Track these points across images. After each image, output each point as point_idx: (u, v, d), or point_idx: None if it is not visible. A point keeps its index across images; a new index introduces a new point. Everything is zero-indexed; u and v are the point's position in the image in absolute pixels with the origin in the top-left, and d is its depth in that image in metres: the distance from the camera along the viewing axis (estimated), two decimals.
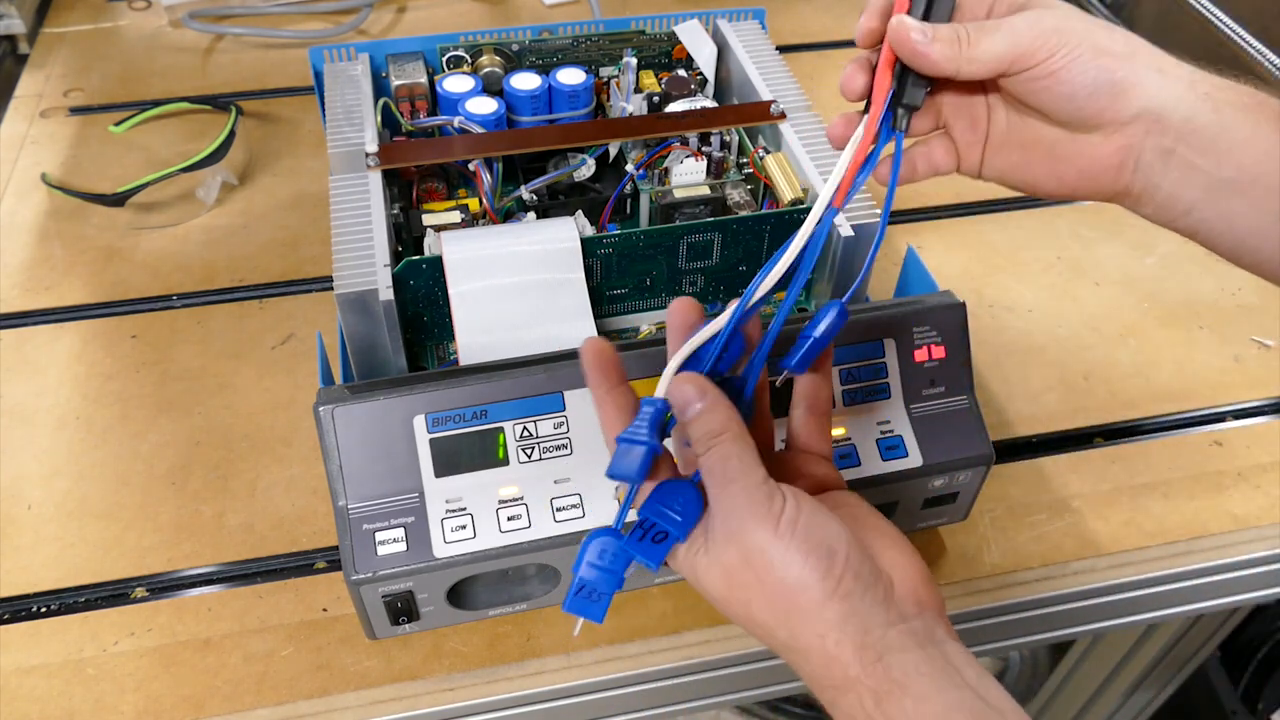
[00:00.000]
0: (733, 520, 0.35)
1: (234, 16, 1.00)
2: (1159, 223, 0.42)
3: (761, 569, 0.35)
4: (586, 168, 0.64)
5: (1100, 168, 0.41)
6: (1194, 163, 0.39)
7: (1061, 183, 0.42)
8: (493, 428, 0.48)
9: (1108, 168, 0.41)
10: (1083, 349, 0.71)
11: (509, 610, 0.52)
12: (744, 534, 0.35)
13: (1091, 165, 0.41)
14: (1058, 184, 0.43)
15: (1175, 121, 0.39)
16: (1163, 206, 0.41)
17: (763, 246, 0.59)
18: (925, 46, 0.38)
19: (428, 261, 0.54)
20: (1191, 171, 0.39)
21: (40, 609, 0.54)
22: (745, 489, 0.35)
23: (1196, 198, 0.40)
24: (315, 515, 0.59)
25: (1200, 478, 0.63)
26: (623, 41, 0.71)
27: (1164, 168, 0.40)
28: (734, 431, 0.36)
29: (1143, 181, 0.40)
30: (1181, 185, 0.40)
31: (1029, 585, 0.58)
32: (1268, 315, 0.73)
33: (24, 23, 0.96)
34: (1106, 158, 0.40)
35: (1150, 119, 0.39)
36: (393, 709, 0.51)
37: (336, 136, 0.60)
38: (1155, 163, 0.40)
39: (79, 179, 0.81)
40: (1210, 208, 0.40)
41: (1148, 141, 0.39)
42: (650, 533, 0.37)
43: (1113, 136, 0.40)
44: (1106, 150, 0.40)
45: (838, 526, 0.35)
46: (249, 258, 0.75)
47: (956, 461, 0.52)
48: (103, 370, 0.67)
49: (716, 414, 0.37)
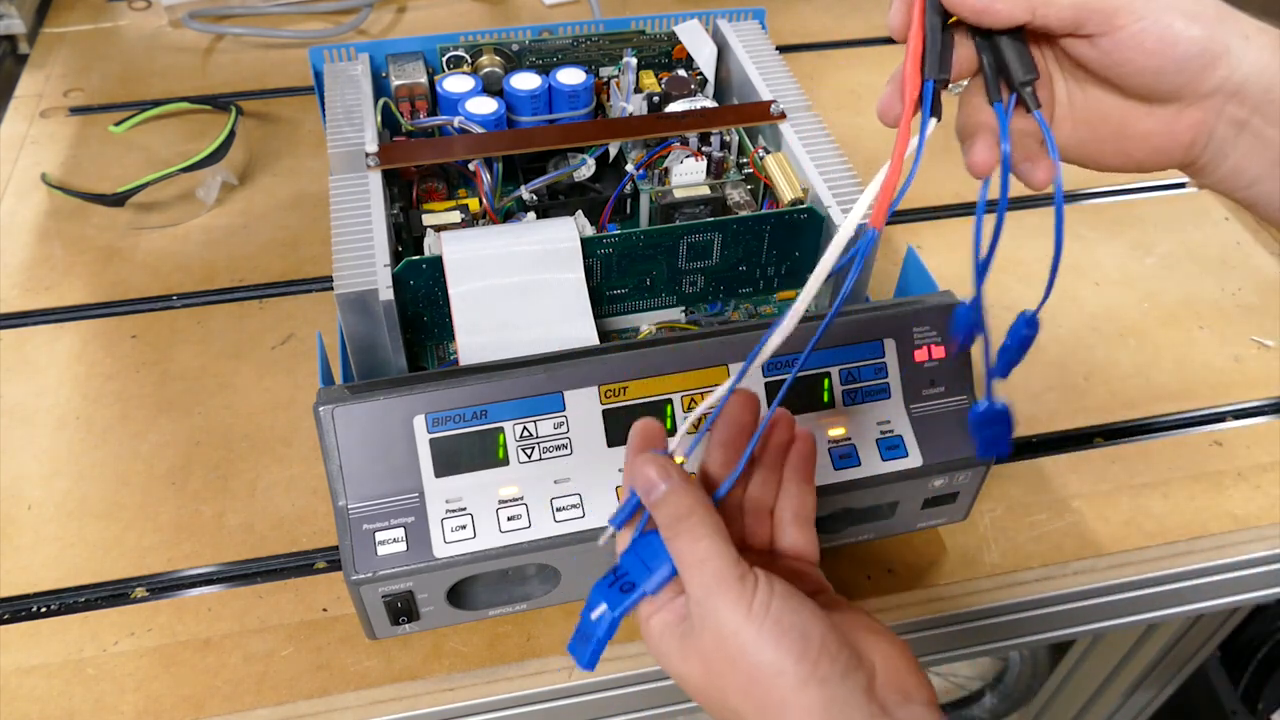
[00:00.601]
0: (706, 603, 0.34)
1: (234, 16, 1.00)
2: (1218, 191, 0.40)
3: (735, 653, 0.33)
4: (586, 168, 0.64)
5: (1173, 145, 0.38)
6: (1266, 135, 0.36)
7: (1129, 160, 0.39)
8: (493, 428, 0.48)
9: (1180, 145, 0.38)
10: (1083, 349, 0.71)
11: (509, 610, 0.52)
12: (717, 616, 0.34)
13: (1165, 142, 0.38)
14: (1124, 161, 0.40)
15: (1255, 93, 0.36)
16: (1226, 178, 0.39)
17: (762, 246, 0.59)
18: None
19: (428, 261, 0.54)
20: (1261, 143, 0.37)
21: (40, 609, 0.54)
22: (716, 571, 0.34)
23: (1263, 171, 0.37)
24: (315, 515, 0.59)
25: (1200, 478, 0.63)
26: (623, 41, 0.71)
27: (1235, 139, 0.37)
28: (701, 513, 0.35)
29: (1211, 154, 0.38)
30: (1249, 158, 0.37)
31: (1029, 585, 0.58)
32: (1268, 315, 0.73)
33: (24, 23, 0.96)
34: (1180, 134, 0.38)
35: (1229, 91, 0.36)
36: (393, 709, 0.51)
37: (336, 136, 0.60)
38: (1227, 135, 0.37)
39: (79, 179, 0.81)
40: (1275, 181, 0.37)
41: (1223, 114, 0.37)
42: (621, 580, 0.37)
43: (1188, 111, 0.37)
44: (1180, 126, 0.37)
45: (812, 609, 0.34)
46: (249, 258, 0.75)
47: (956, 461, 0.52)
48: (103, 370, 0.67)
49: (682, 496, 0.35)
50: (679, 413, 0.49)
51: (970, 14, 0.35)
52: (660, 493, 0.36)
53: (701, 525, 0.35)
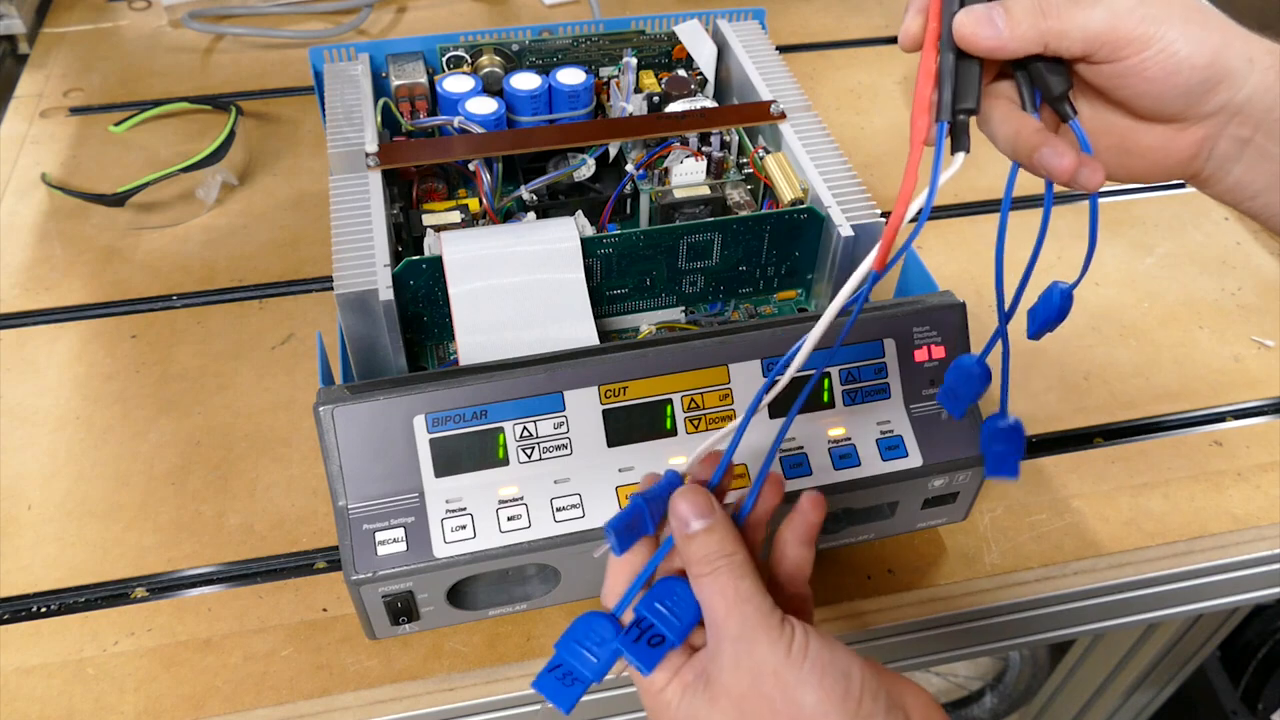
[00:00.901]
0: (744, 641, 0.33)
1: (234, 16, 1.00)
2: (1225, 202, 0.41)
3: (774, 693, 0.33)
4: (586, 168, 0.64)
5: (1174, 160, 0.39)
6: (1270, 151, 0.37)
7: (1130, 173, 0.40)
8: (493, 428, 0.48)
9: (1181, 160, 0.39)
10: (1083, 349, 0.71)
11: (509, 610, 0.52)
12: (755, 655, 0.33)
13: (1166, 158, 0.39)
14: (1126, 173, 0.40)
15: (1257, 112, 0.37)
16: (1230, 190, 0.40)
17: (762, 246, 0.59)
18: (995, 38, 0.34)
19: (428, 261, 0.54)
20: (1265, 159, 0.38)
21: (40, 609, 0.54)
22: (757, 608, 0.34)
23: (1267, 184, 0.38)
24: (315, 515, 0.59)
25: (1200, 478, 0.63)
26: (623, 41, 0.71)
27: (1238, 155, 0.38)
28: (745, 554, 0.35)
29: (1214, 168, 0.39)
30: (1253, 172, 0.38)
31: (1029, 585, 0.58)
32: (1268, 315, 0.73)
33: (24, 23, 0.96)
34: (1181, 150, 0.39)
35: (1231, 111, 0.37)
36: (393, 709, 0.51)
37: (336, 136, 0.60)
38: (1230, 151, 0.38)
39: (79, 179, 0.81)
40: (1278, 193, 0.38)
41: (1226, 132, 0.38)
42: (647, 634, 0.35)
43: (1191, 129, 0.38)
44: (1182, 143, 0.38)
45: (848, 653, 0.34)
46: (249, 258, 0.75)
47: (956, 461, 0.52)
48: (103, 370, 0.67)
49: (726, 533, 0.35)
50: (679, 413, 0.49)
51: (985, 52, 0.35)
52: (700, 528, 0.35)
53: (746, 565, 0.35)
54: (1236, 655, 1.04)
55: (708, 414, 0.50)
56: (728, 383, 0.50)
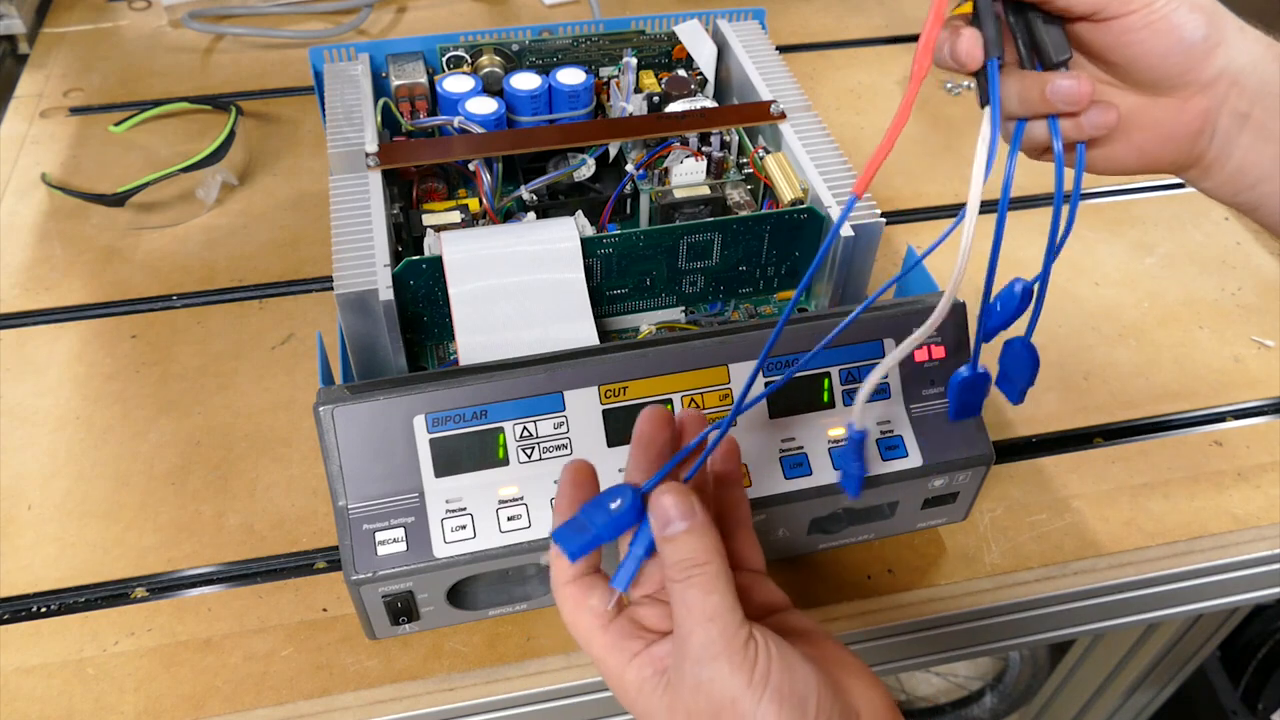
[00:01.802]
0: (705, 664, 0.33)
1: (234, 16, 1.00)
2: (1222, 196, 0.42)
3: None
4: (586, 168, 0.64)
5: (1182, 133, 0.40)
6: (1270, 127, 0.39)
7: (1141, 154, 0.41)
8: (493, 428, 0.48)
9: (1188, 134, 0.40)
10: (1083, 349, 0.71)
11: (509, 610, 0.52)
12: (716, 682, 0.32)
13: (1174, 130, 0.40)
14: (1136, 156, 0.42)
15: (1252, 84, 0.39)
16: (1231, 177, 0.41)
17: (762, 246, 0.59)
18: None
19: (428, 261, 0.54)
20: (1265, 139, 0.39)
21: (40, 609, 0.54)
22: (723, 630, 0.33)
23: (1267, 170, 0.40)
24: (315, 515, 0.59)
25: (1200, 478, 0.63)
26: (623, 41, 0.71)
27: (1238, 133, 0.40)
28: (718, 564, 0.34)
29: (1216, 149, 0.40)
30: (1253, 152, 0.40)
31: (1029, 585, 0.58)
32: (1268, 315, 0.73)
33: (24, 23, 0.96)
34: (1187, 123, 0.40)
35: (1229, 79, 0.39)
36: (393, 709, 0.51)
37: (336, 136, 0.60)
38: (1231, 127, 0.40)
39: (79, 179, 0.81)
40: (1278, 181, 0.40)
41: (1226, 104, 0.39)
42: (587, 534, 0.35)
43: (1193, 99, 0.39)
44: (1187, 115, 0.40)
45: (807, 670, 0.33)
46: (249, 258, 0.75)
47: (956, 461, 0.52)
48: (103, 370, 0.67)
49: (704, 539, 0.34)
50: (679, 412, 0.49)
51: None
52: (678, 530, 0.34)
53: (717, 578, 0.33)
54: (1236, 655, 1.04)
55: (708, 414, 0.50)
56: (728, 383, 0.50)
